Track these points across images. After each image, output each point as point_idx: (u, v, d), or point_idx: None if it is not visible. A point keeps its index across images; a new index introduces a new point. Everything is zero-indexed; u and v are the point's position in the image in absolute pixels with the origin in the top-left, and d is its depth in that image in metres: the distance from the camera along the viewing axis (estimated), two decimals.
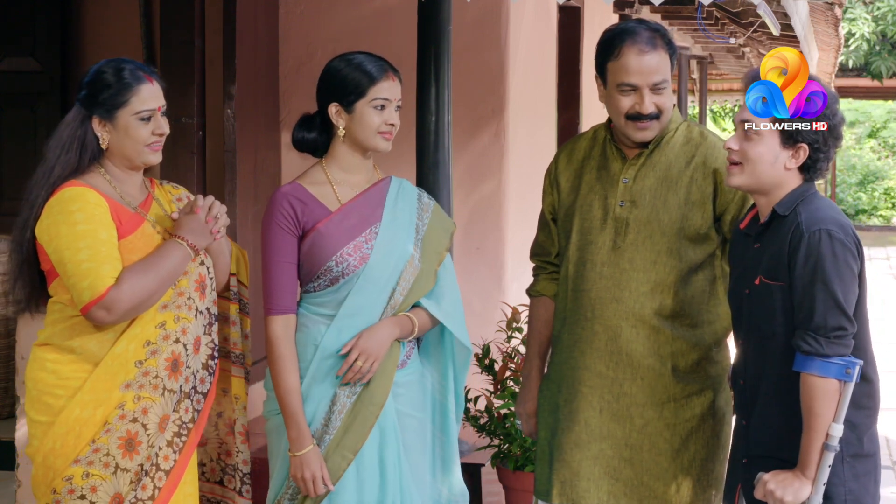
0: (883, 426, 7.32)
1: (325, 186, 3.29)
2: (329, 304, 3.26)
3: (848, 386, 2.86)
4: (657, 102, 3.23)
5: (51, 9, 6.63)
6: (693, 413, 3.28)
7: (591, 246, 3.31)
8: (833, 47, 13.80)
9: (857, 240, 2.93)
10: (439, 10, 3.98)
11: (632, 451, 3.28)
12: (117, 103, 3.11)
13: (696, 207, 3.27)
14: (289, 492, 3.26)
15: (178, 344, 3.13)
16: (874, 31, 21.25)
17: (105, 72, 3.14)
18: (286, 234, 3.24)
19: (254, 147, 5.85)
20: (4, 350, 5.82)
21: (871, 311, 3.11)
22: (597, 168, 3.37)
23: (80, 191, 3.06)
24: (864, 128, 29.30)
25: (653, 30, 3.26)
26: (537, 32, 6.96)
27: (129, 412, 3.07)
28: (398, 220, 3.31)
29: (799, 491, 2.87)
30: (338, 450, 3.21)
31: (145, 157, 3.15)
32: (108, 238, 3.03)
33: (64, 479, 3.04)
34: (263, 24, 6.03)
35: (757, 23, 9.48)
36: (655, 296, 3.25)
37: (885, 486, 5.93)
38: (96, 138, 3.12)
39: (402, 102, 3.28)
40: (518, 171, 6.25)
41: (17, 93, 6.75)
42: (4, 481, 5.09)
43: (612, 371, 3.27)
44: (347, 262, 3.23)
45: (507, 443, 4.80)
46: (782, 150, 2.96)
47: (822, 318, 2.86)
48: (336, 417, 3.23)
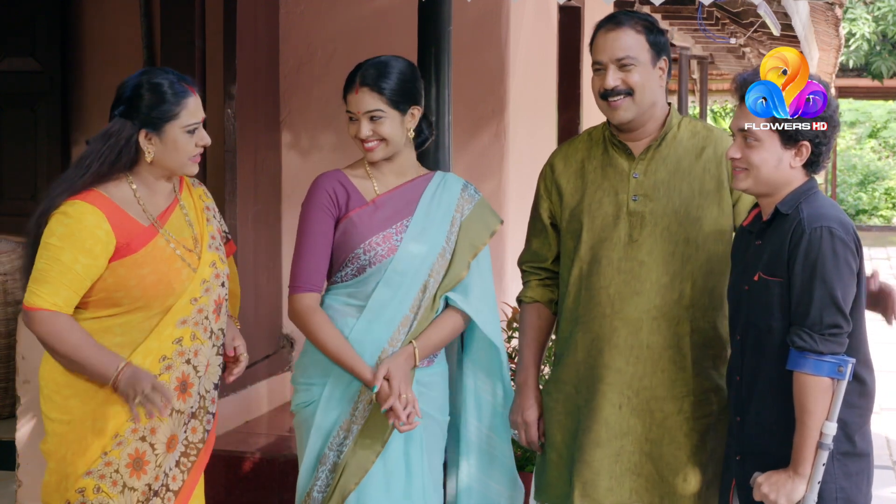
0: (883, 426, 7.32)
1: (365, 180, 3.38)
2: (357, 294, 3.31)
3: (841, 384, 2.86)
4: (624, 79, 3.24)
5: (51, 9, 6.63)
6: (711, 409, 3.28)
7: (606, 242, 3.30)
8: (833, 47, 13.79)
9: (857, 239, 2.93)
10: (440, 10, 3.98)
11: (652, 446, 3.28)
12: (167, 117, 3.07)
13: (711, 197, 3.29)
14: (318, 483, 3.29)
15: (188, 365, 3.14)
16: (875, 31, 21.23)
17: (153, 85, 3.08)
18: (326, 216, 3.32)
19: (254, 147, 5.85)
20: (5, 350, 5.82)
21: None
22: (601, 166, 3.37)
23: (83, 208, 3.03)
24: (864, 128, 29.30)
25: (630, 15, 3.28)
26: (538, 33, 6.95)
27: (140, 426, 3.08)
28: (432, 216, 3.37)
29: (792, 492, 2.88)
30: (366, 441, 3.26)
31: (188, 168, 3.15)
32: (83, 267, 3.01)
33: (77, 490, 3.06)
34: (264, 23, 6.03)
35: (757, 23, 9.48)
36: (675, 286, 3.26)
37: (885, 487, 5.93)
38: (137, 151, 3.09)
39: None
40: (518, 171, 6.25)
41: (17, 93, 6.76)
42: (5, 481, 5.09)
43: (631, 366, 3.27)
44: (375, 252, 3.29)
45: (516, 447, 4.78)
46: (785, 151, 2.97)
47: (819, 314, 2.86)
48: (364, 408, 3.29)
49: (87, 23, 6.62)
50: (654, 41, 3.27)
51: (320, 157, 6.00)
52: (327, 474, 3.31)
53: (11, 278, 5.82)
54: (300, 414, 3.38)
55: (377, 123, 3.31)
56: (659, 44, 3.28)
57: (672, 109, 3.37)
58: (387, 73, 3.33)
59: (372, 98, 3.30)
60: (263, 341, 5.86)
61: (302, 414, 3.37)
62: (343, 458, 3.28)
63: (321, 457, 3.32)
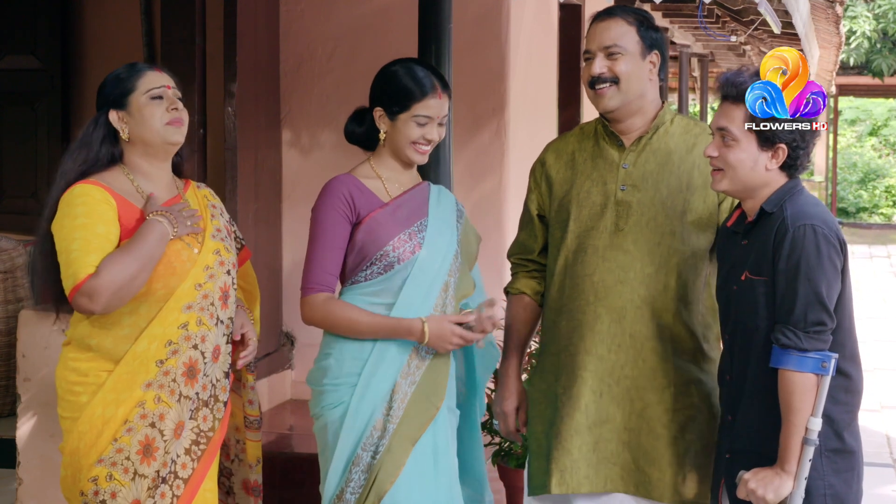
0: (884, 424, 7.33)
1: (375, 181, 3.41)
2: (384, 292, 3.33)
3: (824, 380, 2.88)
4: (611, 66, 3.28)
5: (52, 7, 6.64)
6: (691, 401, 3.29)
7: (592, 231, 3.33)
8: (834, 45, 13.79)
9: (840, 236, 2.95)
10: (440, 8, 3.98)
11: (630, 435, 3.29)
12: (127, 90, 3.19)
13: (698, 192, 3.31)
14: (350, 485, 3.28)
15: (195, 350, 3.16)
16: (875, 28, 21.25)
17: (114, 73, 3.24)
18: (341, 219, 3.33)
19: (254, 145, 5.85)
20: (5, 348, 5.82)
21: (872, 309, 3.13)
22: (591, 158, 3.40)
23: (87, 188, 3.11)
24: (864, 126, 29.31)
25: (624, 8, 3.35)
26: (538, 30, 6.95)
27: (149, 412, 3.10)
28: (442, 219, 3.42)
29: (780, 488, 2.89)
30: (400, 440, 3.27)
31: (166, 135, 3.20)
32: (105, 232, 3.07)
33: (90, 479, 3.09)
34: (264, 22, 6.03)
35: (758, 21, 9.49)
36: (660, 276, 3.28)
37: (885, 484, 5.92)
38: (115, 133, 3.19)
39: (446, 118, 3.42)
40: (518, 169, 6.25)
41: (18, 91, 6.76)
42: (5, 479, 5.09)
43: (613, 354, 3.29)
44: (403, 248, 3.32)
45: (509, 441, 4.80)
46: (761, 153, 2.98)
47: (803, 312, 2.88)
48: (398, 407, 3.29)
49: (88, 21, 6.63)
50: (644, 34, 3.31)
51: (321, 155, 6.00)
52: (360, 475, 3.27)
53: (11, 276, 5.83)
54: (326, 416, 3.33)
55: (440, 129, 3.41)
56: (650, 37, 3.32)
57: (666, 106, 3.40)
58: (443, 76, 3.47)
59: (447, 103, 3.41)
60: (264, 339, 5.85)
61: (328, 416, 3.32)
62: (378, 459, 3.26)
63: (353, 458, 3.28)
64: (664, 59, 3.39)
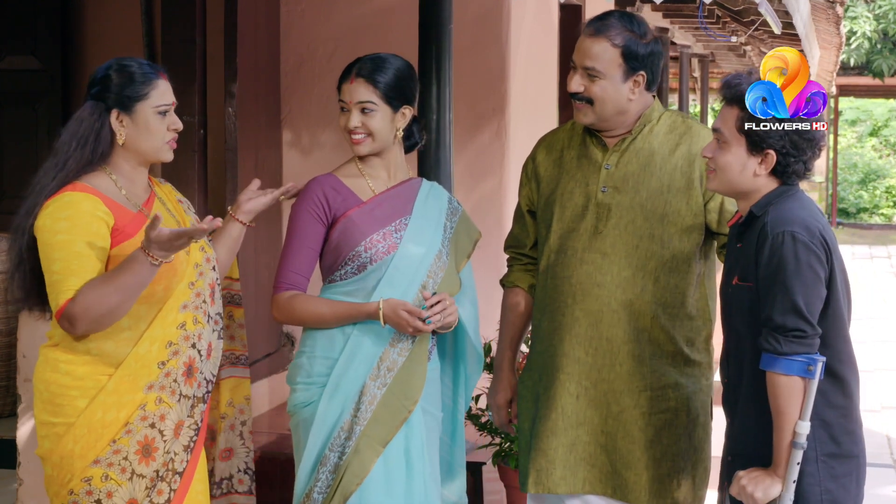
0: (884, 424, 7.33)
1: (358, 179, 3.40)
2: (358, 292, 3.32)
3: (811, 383, 2.85)
4: (587, 86, 3.28)
5: (52, 7, 6.63)
6: (668, 405, 3.30)
7: (573, 233, 3.34)
8: (834, 45, 13.79)
9: (824, 242, 2.90)
10: (440, 8, 3.98)
11: (607, 438, 3.30)
12: (137, 96, 3.10)
13: (680, 194, 3.30)
14: (318, 485, 3.28)
15: (193, 349, 3.14)
16: (875, 29, 21.24)
17: (122, 66, 3.13)
18: (314, 221, 3.34)
19: (255, 145, 5.85)
20: (5, 348, 5.82)
21: (872, 309, 3.12)
22: (577, 157, 3.41)
23: (77, 197, 3.02)
24: (865, 126, 29.30)
25: (620, 21, 3.27)
26: (538, 31, 6.95)
27: (150, 413, 3.07)
28: (427, 217, 3.40)
29: (769, 488, 2.88)
30: (368, 442, 3.25)
31: (163, 153, 3.15)
32: (85, 250, 2.97)
33: (83, 479, 3.04)
34: (264, 22, 6.03)
35: (758, 21, 9.48)
36: (637, 281, 3.28)
37: (885, 485, 5.93)
38: (111, 134, 3.10)
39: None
40: (518, 169, 6.23)
41: (18, 91, 6.75)
42: (6, 479, 5.09)
43: (590, 357, 3.30)
44: (376, 249, 3.30)
45: (509, 441, 4.80)
46: (749, 158, 2.96)
47: (781, 320, 2.86)
48: (366, 409, 3.28)
49: (88, 21, 6.62)
50: (630, 56, 3.25)
51: (321, 155, 6.00)
52: (328, 475, 3.28)
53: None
54: (298, 414, 3.37)
55: (367, 116, 3.34)
56: (638, 58, 3.27)
57: (655, 103, 3.38)
58: (383, 67, 3.35)
59: (366, 89, 3.33)
60: (264, 340, 5.86)
61: (300, 414, 3.36)
62: (345, 460, 3.27)
63: (321, 458, 3.30)
64: (654, 72, 3.33)
